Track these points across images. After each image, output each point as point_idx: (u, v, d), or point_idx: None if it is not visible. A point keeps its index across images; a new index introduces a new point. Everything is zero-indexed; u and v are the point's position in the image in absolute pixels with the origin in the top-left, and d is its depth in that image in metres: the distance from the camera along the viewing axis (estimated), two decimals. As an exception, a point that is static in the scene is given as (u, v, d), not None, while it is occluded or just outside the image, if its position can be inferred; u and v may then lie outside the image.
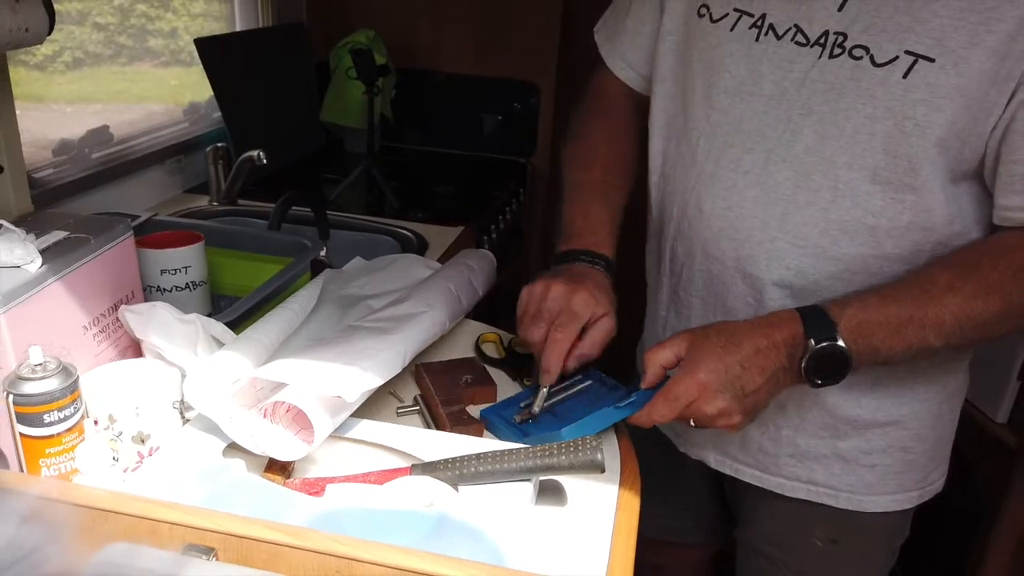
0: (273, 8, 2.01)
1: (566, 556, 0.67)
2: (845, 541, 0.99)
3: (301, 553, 0.61)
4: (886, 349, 0.76)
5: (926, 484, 0.97)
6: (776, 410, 0.92)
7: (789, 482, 0.96)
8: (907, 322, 0.76)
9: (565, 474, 0.73)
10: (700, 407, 0.75)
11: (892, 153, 0.78)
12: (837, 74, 0.79)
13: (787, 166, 0.83)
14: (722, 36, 0.87)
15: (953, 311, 0.75)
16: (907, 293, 0.77)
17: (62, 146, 1.43)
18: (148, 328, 0.80)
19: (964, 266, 0.78)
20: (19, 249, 0.72)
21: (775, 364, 0.76)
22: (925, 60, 0.74)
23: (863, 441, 0.92)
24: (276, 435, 0.74)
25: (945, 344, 0.76)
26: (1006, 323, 0.77)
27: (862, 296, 0.78)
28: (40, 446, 0.69)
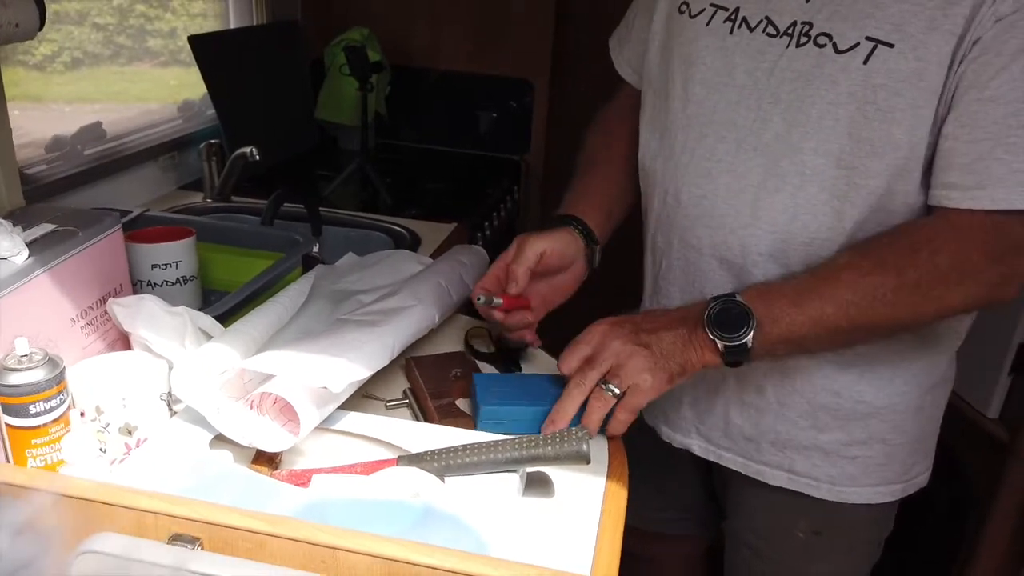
0: (267, 5, 2.02)
1: (552, 547, 0.67)
2: (828, 533, 0.99)
3: (286, 542, 0.61)
4: (787, 319, 0.78)
5: (909, 478, 0.97)
6: (756, 393, 0.94)
7: (770, 469, 0.96)
8: (806, 292, 0.79)
9: (551, 465, 0.73)
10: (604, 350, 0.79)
11: (855, 137, 0.79)
12: (803, 62, 0.81)
13: (757, 153, 0.85)
14: (699, 31, 0.89)
15: (850, 286, 0.77)
16: (811, 272, 0.81)
17: (55, 142, 1.43)
18: (136, 320, 0.80)
19: (866, 246, 0.81)
20: (5, 241, 0.72)
21: (664, 321, 0.81)
22: (885, 45, 0.76)
23: (843, 433, 0.92)
24: (263, 426, 0.74)
25: (849, 321, 0.78)
26: (903, 301, 0.78)
27: (771, 281, 0.84)
28: (26, 437, 0.69)
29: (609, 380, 0.79)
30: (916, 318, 0.81)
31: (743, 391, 0.95)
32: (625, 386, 0.78)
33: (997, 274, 0.77)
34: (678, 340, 0.79)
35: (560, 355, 0.83)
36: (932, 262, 0.76)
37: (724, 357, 0.79)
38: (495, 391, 0.85)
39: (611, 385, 0.79)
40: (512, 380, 0.90)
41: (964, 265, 0.77)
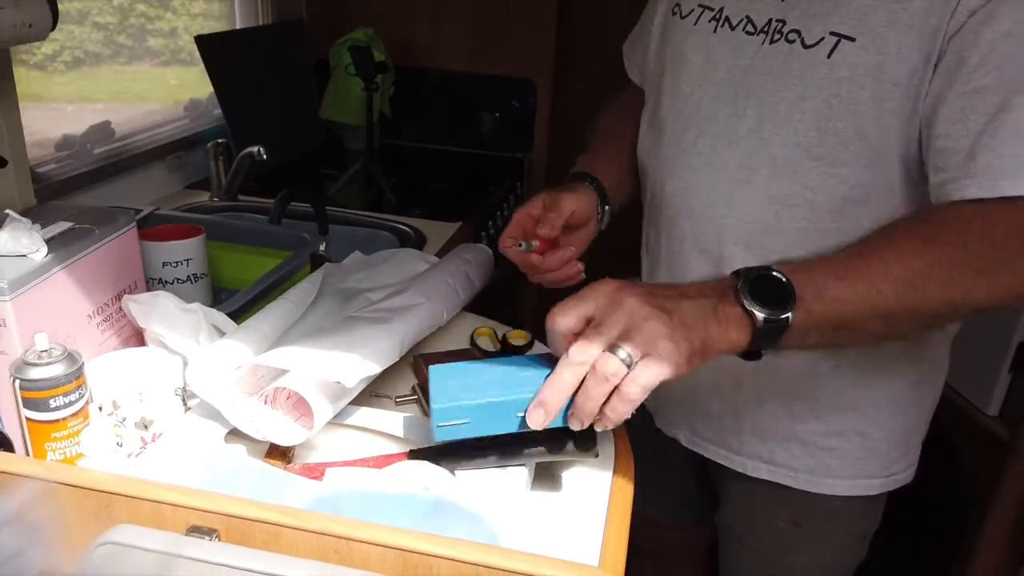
0: (273, 6, 2.03)
1: (560, 539, 0.69)
2: (807, 524, 1.00)
3: (300, 533, 0.63)
4: (831, 293, 0.68)
5: (890, 473, 0.98)
6: (734, 386, 0.95)
7: (751, 461, 0.98)
8: (853, 266, 0.70)
9: (559, 459, 0.74)
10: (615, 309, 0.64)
11: (823, 129, 0.81)
12: (775, 58, 0.84)
13: (732, 146, 0.88)
14: (688, 30, 0.93)
15: (903, 259, 0.70)
16: (856, 244, 0.73)
17: (64, 141, 1.45)
18: (151, 317, 0.81)
19: (911, 222, 0.75)
20: (25, 238, 0.74)
21: (704, 306, 0.67)
22: (847, 40, 0.78)
23: (820, 424, 0.94)
24: (276, 421, 0.75)
25: (899, 300, 0.69)
26: (958, 279, 0.70)
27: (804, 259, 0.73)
28: (46, 430, 0.70)
29: (620, 344, 0.63)
30: (964, 303, 0.72)
31: (722, 382, 0.97)
32: (640, 352, 0.62)
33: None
34: (700, 311, 0.66)
35: (549, 312, 0.67)
36: (982, 244, 0.71)
37: (755, 338, 0.67)
38: (453, 384, 0.71)
39: (624, 348, 0.62)
40: (475, 368, 0.74)
41: (1007, 255, 0.71)
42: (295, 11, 2.14)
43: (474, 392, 0.69)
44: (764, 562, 1.07)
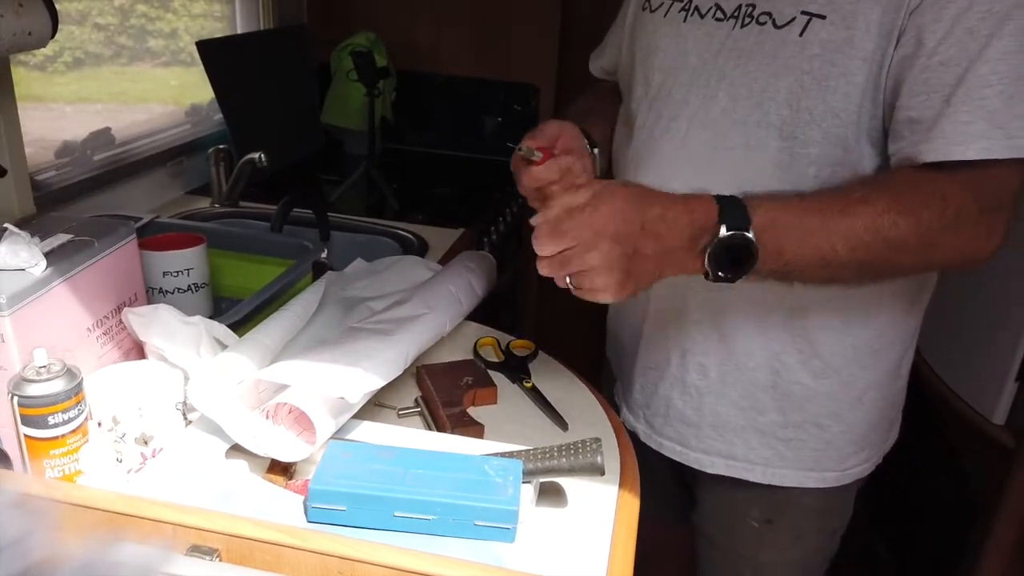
0: (274, 10, 2.02)
1: (566, 557, 0.68)
2: (778, 521, 1.02)
3: (302, 554, 0.62)
4: (792, 253, 0.76)
5: (845, 467, 0.99)
6: (699, 374, 0.97)
7: (708, 457, 1.00)
8: (818, 228, 0.76)
9: (565, 476, 0.73)
10: (585, 251, 0.71)
11: (795, 107, 0.83)
12: (746, 40, 0.86)
13: (705, 128, 0.89)
14: (658, 23, 0.95)
15: (865, 222, 0.76)
16: (824, 200, 0.78)
17: (64, 148, 1.44)
18: (151, 330, 0.80)
19: (880, 184, 0.80)
20: (24, 252, 0.73)
21: (673, 240, 0.74)
22: (818, 18, 0.81)
23: (780, 415, 0.96)
24: (278, 436, 0.74)
25: (851, 256, 0.76)
26: (912, 246, 0.77)
27: (784, 197, 0.79)
28: (44, 447, 0.69)
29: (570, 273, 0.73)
30: (916, 264, 0.83)
31: (686, 372, 0.98)
32: (583, 287, 0.74)
33: (987, 229, 0.79)
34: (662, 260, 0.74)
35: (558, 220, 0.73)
36: (942, 209, 0.76)
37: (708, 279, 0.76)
38: (342, 466, 0.69)
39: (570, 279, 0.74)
40: (376, 454, 0.72)
41: (964, 217, 0.77)
42: (296, 15, 2.13)
43: (357, 480, 0.68)
44: (737, 562, 1.08)
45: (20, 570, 0.56)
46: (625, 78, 1.04)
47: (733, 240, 0.74)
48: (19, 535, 0.58)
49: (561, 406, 0.91)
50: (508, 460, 0.72)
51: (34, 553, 0.57)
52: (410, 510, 0.67)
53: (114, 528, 0.64)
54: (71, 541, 0.61)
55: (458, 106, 2.27)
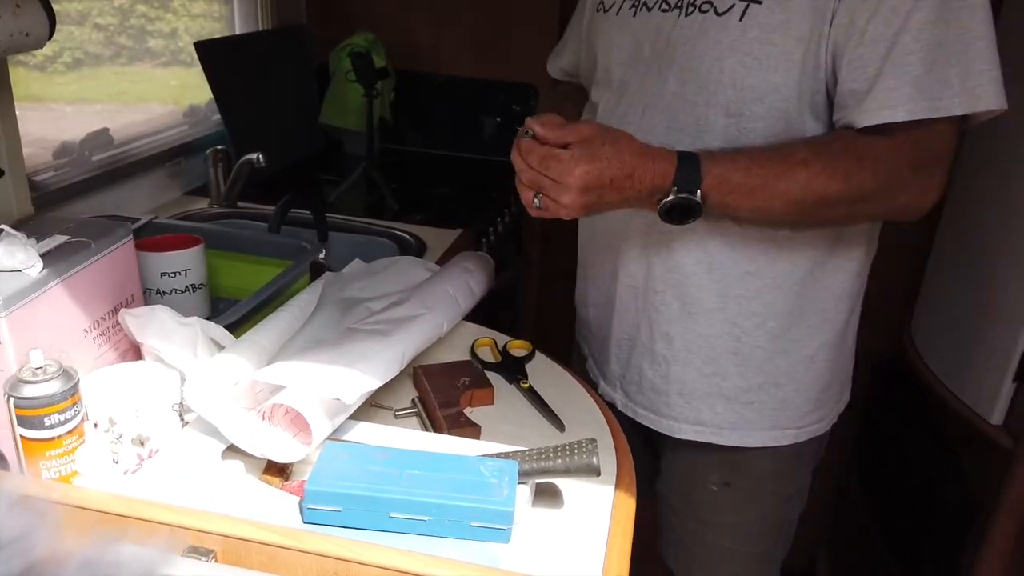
0: (273, 11, 2.02)
1: (562, 558, 0.68)
2: (735, 483, 1.08)
3: (298, 555, 0.62)
4: (734, 205, 0.87)
5: (803, 424, 1.06)
6: (664, 342, 1.03)
7: (677, 423, 1.06)
8: (760, 188, 0.85)
9: (561, 477, 0.73)
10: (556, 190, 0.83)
11: (739, 87, 0.90)
12: (691, 28, 0.93)
13: (658, 112, 0.96)
14: (612, 21, 1.03)
15: (801, 183, 0.85)
16: (768, 162, 0.86)
17: (62, 149, 1.44)
18: (147, 331, 0.80)
19: (819, 146, 0.88)
20: (20, 253, 0.73)
21: (633, 193, 0.85)
22: (755, 3, 0.88)
23: (743, 379, 1.02)
24: (274, 437, 0.75)
25: (786, 211, 0.88)
26: (846, 202, 0.87)
27: (733, 157, 0.87)
28: (40, 448, 0.69)
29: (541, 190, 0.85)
30: (849, 218, 0.93)
31: (654, 341, 1.04)
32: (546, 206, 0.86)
33: (920, 185, 0.87)
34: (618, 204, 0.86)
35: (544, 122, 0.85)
36: (873, 168, 0.85)
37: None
38: (338, 466, 0.70)
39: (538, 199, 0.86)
40: (371, 455, 0.72)
41: (895, 174, 0.86)
42: (295, 16, 2.13)
43: (353, 481, 0.68)
44: (697, 527, 1.12)
45: (18, 571, 0.56)
46: (587, 76, 1.12)
47: (681, 201, 0.85)
48: (18, 535, 0.59)
49: (558, 407, 0.91)
50: (504, 461, 0.72)
51: (32, 554, 0.57)
52: (406, 511, 0.67)
53: (111, 529, 0.64)
54: (68, 542, 0.61)
55: (457, 106, 2.27)
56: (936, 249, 1.75)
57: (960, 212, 1.64)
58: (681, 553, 1.17)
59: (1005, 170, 1.42)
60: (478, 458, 0.73)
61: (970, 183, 1.60)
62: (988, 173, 1.51)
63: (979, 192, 1.54)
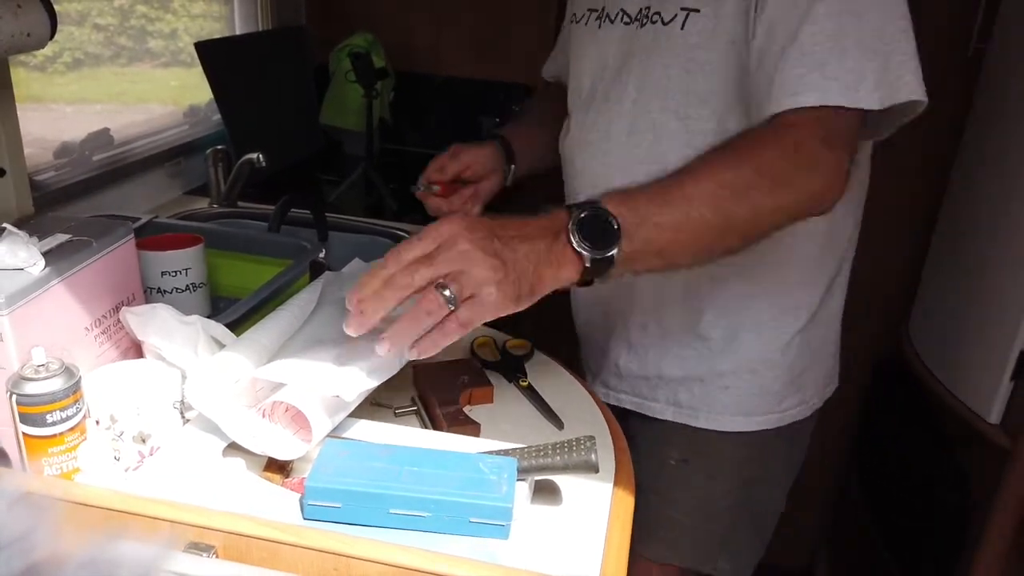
0: (272, 11, 2.03)
1: (561, 554, 0.68)
2: (693, 460, 1.11)
3: (299, 550, 0.62)
4: (653, 219, 0.76)
5: (782, 409, 1.09)
6: (640, 331, 1.09)
7: (658, 404, 1.10)
8: (670, 190, 0.78)
9: (560, 474, 0.74)
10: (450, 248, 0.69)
11: (685, 91, 0.95)
12: (645, 38, 0.98)
13: (621, 119, 1.02)
14: (583, 32, 1.09)
15: (713, 178, 0.79)
16: (679, 173, 0.81)
17: (63, 149, 1.45)
18: (148, 329, 0.81)
19: (720, 145, 0.85)
20: (22, 252, 0.73)
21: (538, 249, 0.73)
22: (694, 12, 0.93)
23: (716, 362, 1.06)
24: (275, 435, 0.75)
25: (717, 215, 0.78)
26: (765, 186, 0.80)
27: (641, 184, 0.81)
28: (42, 445, 0.70)
29: (447, 284, 0.69)
30: (772, 207, 0.81)
31: (629, 333, 1.10)
32: (466, 294, 0.69)
33: (831, 163, 0.82)
34: (533, 255, 0.72)
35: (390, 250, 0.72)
36: (780, 148, 0.82)
37: (585, 273, 0.74)
38: (338, 463, 0.70)
39: (451, 288, 0.68)
40: (372, 452, 0.72)
41: (805, 151, 0.82)
42: (295, 16, 2.13)
43: (353, 477, 0.68)
44: (652, 498, 1.11)
45: (24, 567, 0.56)
46: (566, 83, 1.17)
47: (588, 214, 0.74)
48: (23, 532, 0.59)
49: (556, 405, 0.91)
50: (503, 458, 0.72)
51: (35, 552, 0.58)
52: (406, 507, 0.67)
53: (112, 526, 0.64)
54: (70, 539, 0.61)
55: (457, 107, 2.27)
56: (933, 249, 1.75)
57: (957, 211, 1.65)
58: (642, 527, 1.16)
59: (1002, 169, 1.43)
60: (478, 455, 0.73)
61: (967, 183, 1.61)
62: (985, 172, 1.52)
63: (976, 192, 1.55)
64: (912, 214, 1.88)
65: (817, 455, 2.14)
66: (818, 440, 1.19)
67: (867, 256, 1.09)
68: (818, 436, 1.18)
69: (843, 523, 2.10)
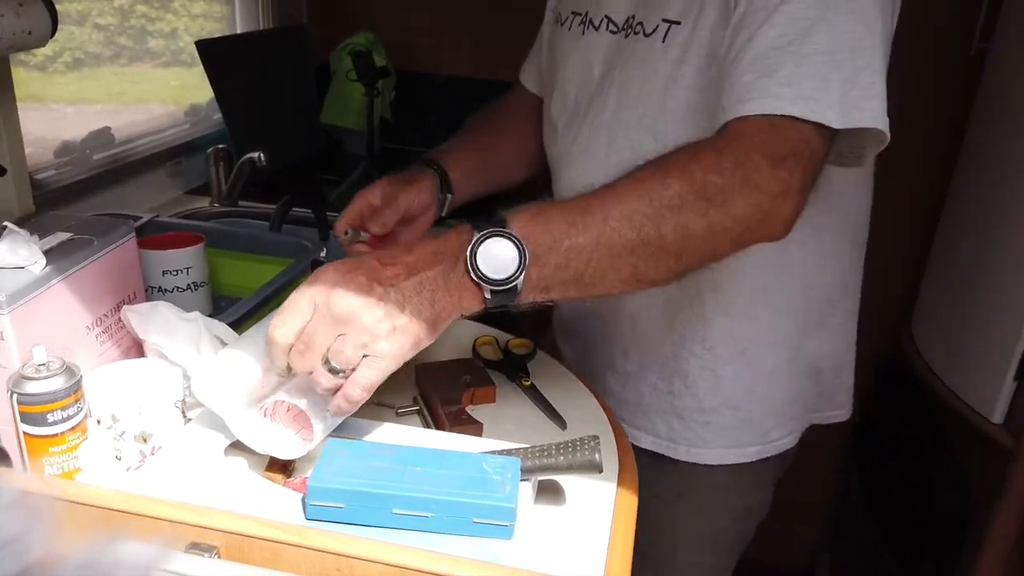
0: (273, 10, 2.02)
1: (564, 555, 0.68)
2: (688, 496, 1.07)
3: (301, 551, 0.62)
4: (569, 239, 0.68)
5: (767, 440, 1.04)
6: (621, 357, 1.05)
7: (638, 432, 1.05)
8: (588, 207, 0.70)
9: (563, 474, 0.73)
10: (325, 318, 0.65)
11: (662, 108, 0.89)
12: (628, 50, 0.93)
13: (601, 133, 0.96)
14: (565, 36, 1.03)
15: (634, 192, 0.71)
16: (600, 188, 0.73)
17: (64, 148, 1.44)
18: (150, 327, 0.80)
19: (659, 158, 0.75)
20: (23, 250, 0.73)
21: (431, 281, 0.67)
22: (675, 24, 0.88)
23: (695, 400, 1.01)
24: (277, 434, 0.75)
25: (637, 233, 0.69)
26: (690, 204, 0.70)
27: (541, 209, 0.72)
28: (43, 445, 0.69)
29: (331, 357, 0.66)
30: (706, 229, 0.71)
31: (612, 355, 1.06)
32: (358, 356, 0.66)
33: (778, 181, 0.72)
34: (426, 288, 0.67)
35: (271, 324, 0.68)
36: (716, 162, 0.72)
37: (488, 303, 0.69)
38: (340, 463, 0.69)
39: (337, 360, 0.66)
40: (374, 451, 0.72)
41: (747, 167, 0.71)
42: (296, 15, 2.13)
43: (355, 477, 0.67)
44: (651, 535, 1.07)
45: (19, 568, 0.56)
46: (548, 87, 1.11)
47: (492, 236, 0.67)
48: (18, 533, 0.59)
49: (559, 404, 0.91)
50: (506, 458, 0.72)
51: (33, 551, 0.58)
52: (408, 507, 0.67)
53: (113, 526, 0.64)
54: (70, 539, 0.61)
55: (458, 106, 2.26)
56: (935, 248, 1.75)
57: (959, 211, 1.64)
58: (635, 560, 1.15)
59: (1005, 169, 1.43)
60: (481, 455, 0.73)
61: (969, 182, 1.60)
62: (988, 172, 1.52)
63: (978, 191, 1.55)
64: (914, 213, 1.88)
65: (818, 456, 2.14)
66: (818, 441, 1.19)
67: (869, 256, 1.08)
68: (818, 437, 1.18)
69: (843, 523, 2.09)
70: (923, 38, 1.81)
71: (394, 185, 0.98)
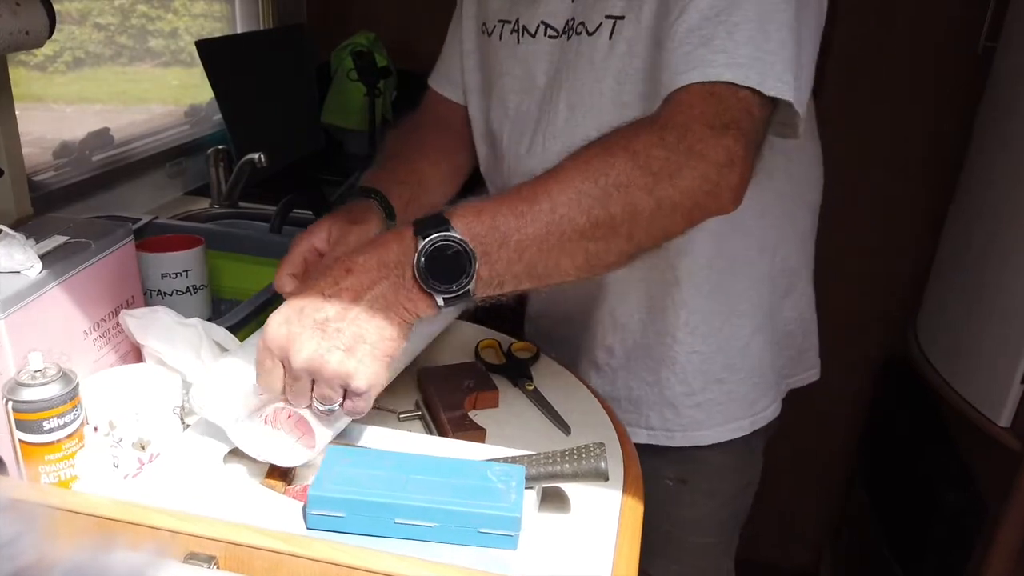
0: (274, 10, 2.02)
1: (570, 564, 0.67)
2: (692, 480, 1.08)
3: (302, 562, 0.61)
4: (518, 232, 0.66)
5: (755, 412, 1.06)
6: (606, 354, 1.05)
7: (630, 428, 1.03)
8: (534, 195, 0.68)
9: (569, 482, 0.72)
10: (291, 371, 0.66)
11: (617, 104, 0.88)
12: (573, 52, 0.91)
13: (556, 140, 0.95)
14: (496, 45, 1.00)
15: (578, 173, 0.69)
16: (543, 174, 0.70)
17: (62, 149, 1.43)
18: (148, 332, 0.79)
19: (600, 138, 0.73)
20: (19, 254, 0.72)
21: (381, 298, 0.66)
22: (619, 19, 0.87)
23: (684, 386, 1.02)
24: (278, 441, 0.73)
25: (588, 217, 0.67)
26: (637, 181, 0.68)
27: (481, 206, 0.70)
28: (39, 453, 0.68)
29: (318, 401, 0.68)
30: (654, 205, 0.69)
31: (596, 355, 1.05)
32: (339, 393, 0.67)
33: (723, 149, 0.70)
34: (379, 308, 0.65)
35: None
36: (659, 135, 0.70)
37: (441, 308, 0.68)
38: (341, 471, 0.68)
39: (321, 409, 0.69)
40: (375, 459, 0.71)
41: (689, 138, 0.70)
42: (296, 15, 2.12)
43: (357, 486, 0.66)
44: (657, 522, 1.07)
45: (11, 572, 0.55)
46: (477, 100, 1.07)
47: (439, 243, 0.65)
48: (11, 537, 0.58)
49: (563, 409, 0.90)
50: (510, 466, 0.71)
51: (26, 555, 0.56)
52: (411, 517, 0.66)
53: (110, 534, 0.63)
54: (65, 547, 0.60)
55: (458, 106, 2.26)
56: (942, 248, 1.74)
57: (965, 211, 1.63)
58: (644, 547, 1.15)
59: (1011, 169, 1.42)
60: (485, 463, 0.72)
61: (976, 182, 1.59)
62: (994, 172, 1.50)
63: (985, 191, 1.53)
64: (919, 214, 1.87)
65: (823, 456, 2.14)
66: (824, 441, 1.18)
67: (875, 256, 1.08)
68: (823, 438, 1.17)
69: (847, 524, 2.09)
70: (928, 38, 1.80)
71: (340, 225, 0.90)
